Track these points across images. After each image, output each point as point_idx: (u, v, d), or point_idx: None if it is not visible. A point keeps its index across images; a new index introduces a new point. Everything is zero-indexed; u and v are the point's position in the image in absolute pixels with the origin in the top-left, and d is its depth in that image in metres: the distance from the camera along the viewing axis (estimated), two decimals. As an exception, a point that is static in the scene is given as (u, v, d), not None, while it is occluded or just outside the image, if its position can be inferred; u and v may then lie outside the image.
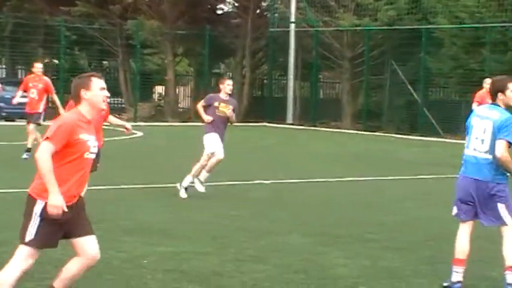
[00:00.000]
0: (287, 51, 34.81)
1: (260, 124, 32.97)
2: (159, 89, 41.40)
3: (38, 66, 17.80)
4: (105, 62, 41.55)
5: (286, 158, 20.39)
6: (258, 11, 37.37)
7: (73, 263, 5.84)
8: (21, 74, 37.69)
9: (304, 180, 15.53)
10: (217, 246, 8.99)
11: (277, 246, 9.13)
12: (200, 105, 13.02)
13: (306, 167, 18.00)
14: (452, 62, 28.89)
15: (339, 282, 7.59)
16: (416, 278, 7.80)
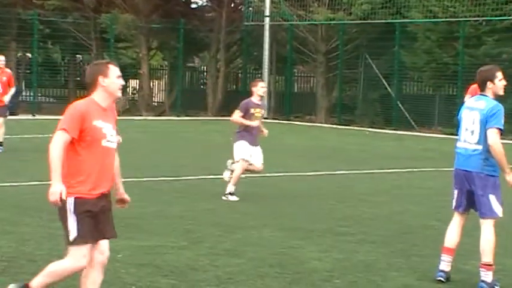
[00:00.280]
0: (262, 45, 34.78)
1: (235, 118, 32.91)
2: (133, 82, 41.23)
3: (0, 58, 17.43)
4: (78, 55, 41.26)
5: (263, 152, 20.35)
6: (232, 5, 37.29)
7: (89, 275, 5.71)
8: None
9: (278, 174, 15.53)
10: (192, 240, 8.97)
11: (251, 240, 9.13)
12: (237, 116, 12.13)
13: (280, 161, 17.99)
14: (426, 56, 29.01)
15: (313, 275, 7.60)
16: (391, 271, 7.83)
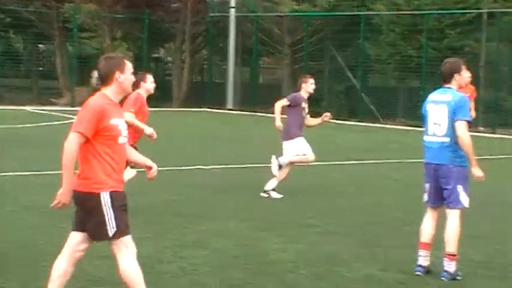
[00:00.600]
0: (227, 37, 34.72)
1: (200, 109, 32.85)
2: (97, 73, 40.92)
3: None
4: (41, 45, 40.83)
5: (227, 143, 20.36)
6: (197, -4, 37.16)
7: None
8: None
9: (244, 165, 15.53)
10: (156, 231, 8.94)
11: (216, 232, 9.12)
12: (280, 105, 11.82)
13: (246, 152, 18.01)
14: (391, 49, 29.18)
15: (278, 266, 7.62)
16: (355, 262, 7.88)
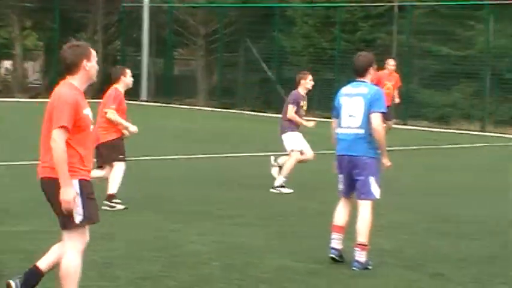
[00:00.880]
0: (140, 27, 34.39)
1: (113, 101, 32.41)
2: (7, 63, 39.91)
3: None
4: None
5: (140, 135, 20.14)
6: (110, -15, 36.65)
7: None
8: None
9: (157, 157, 15.42)
10: (67, 225, 8.78)
11: (129, 224, 9.03)
12: (293, 113, 11.91)
13: (160, 144, 17.88)
14: (304, 41, 29.42)
15: (191, 258, 7.59)
16: (268, 253, 7.91)
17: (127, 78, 10.31)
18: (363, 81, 7.63)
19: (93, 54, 5.55)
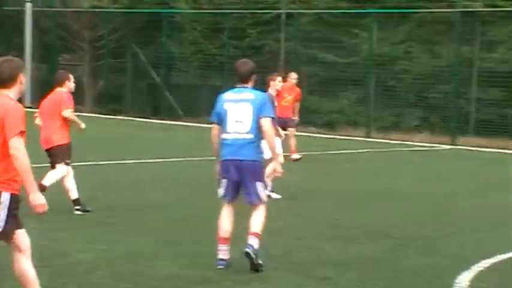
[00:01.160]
0: (23, 32, 33.52)
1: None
2: None
3: None
4: None
5: (29, 143, 19.59)
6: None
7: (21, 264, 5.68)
8: None
9: (40, 165, 14.98)
10: None
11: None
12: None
13: (43, 152, 17.38)
14: (193, 47, 29.36)
15: (76, 267, 7.42)
16: (156, 260, 7.81)
17: (71, 83, 10.55)
18: (247, 87, 7.65)
19: (24, 68, 5.75)
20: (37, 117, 10.64)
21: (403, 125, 24.74)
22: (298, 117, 17.92)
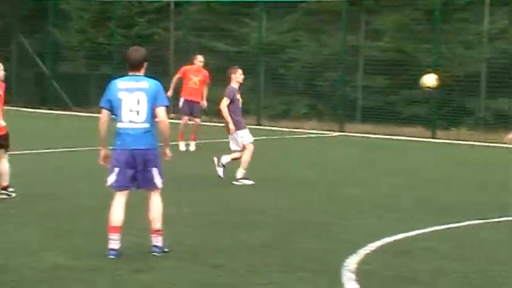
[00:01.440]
0: None
1: None
2: None
3: None
4: None
5: None
6: None
7: None
8: None
9: None
10: None
11: None
12: (226, 105, 12.86)
13: None
14: (80, 36, 28.86)
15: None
16: (43, 251, 7.70)
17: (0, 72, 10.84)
18: (139, 75, 7.62)
19: None
20: None
21: (293, 112, 25.08)
22: (206, 103, 17.98)
